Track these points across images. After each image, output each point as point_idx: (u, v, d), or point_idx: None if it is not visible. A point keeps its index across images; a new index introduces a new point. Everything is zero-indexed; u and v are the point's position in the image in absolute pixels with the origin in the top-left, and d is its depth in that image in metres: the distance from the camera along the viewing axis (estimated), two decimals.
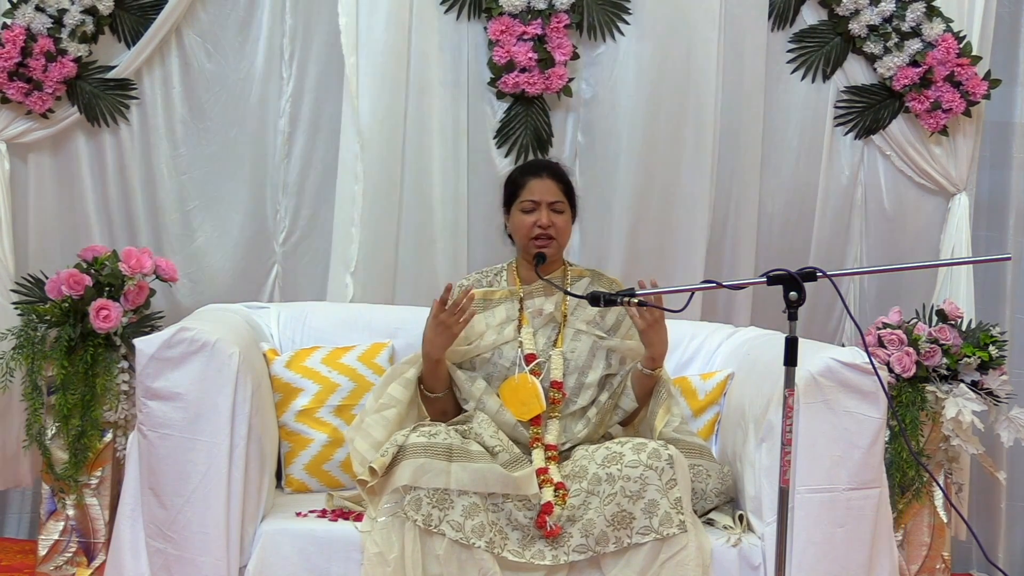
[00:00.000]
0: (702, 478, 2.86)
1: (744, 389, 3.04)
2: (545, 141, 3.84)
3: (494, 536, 2.62)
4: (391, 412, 2.88)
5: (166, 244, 3.85)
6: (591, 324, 3.02)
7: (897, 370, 3.48)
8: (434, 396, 2.97)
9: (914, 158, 3.92)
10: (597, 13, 3.82)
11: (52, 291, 3.34)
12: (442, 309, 2.84)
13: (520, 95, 3.80)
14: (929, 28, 3.82)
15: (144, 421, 2.77)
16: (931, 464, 3.51)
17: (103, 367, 3.34)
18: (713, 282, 2.54)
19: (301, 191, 3.90)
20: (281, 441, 3.11)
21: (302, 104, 3.88)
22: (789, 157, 3.99)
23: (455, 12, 3.81)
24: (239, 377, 2.75)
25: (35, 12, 3.65)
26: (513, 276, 3.08)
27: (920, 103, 3.85)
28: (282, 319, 3.39)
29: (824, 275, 2.42)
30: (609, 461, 2.67)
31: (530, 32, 3.74)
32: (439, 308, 2.84)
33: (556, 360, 2.96)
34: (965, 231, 3.90)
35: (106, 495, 3.39)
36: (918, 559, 3.53)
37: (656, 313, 2.85)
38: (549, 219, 2.99)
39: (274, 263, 3.93)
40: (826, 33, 3.93)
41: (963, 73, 3.82)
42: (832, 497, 2.72)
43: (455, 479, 2.61)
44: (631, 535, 2.61)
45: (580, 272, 3.11)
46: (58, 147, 3.83)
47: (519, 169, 3.15)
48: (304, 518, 2.80)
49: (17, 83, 3.66)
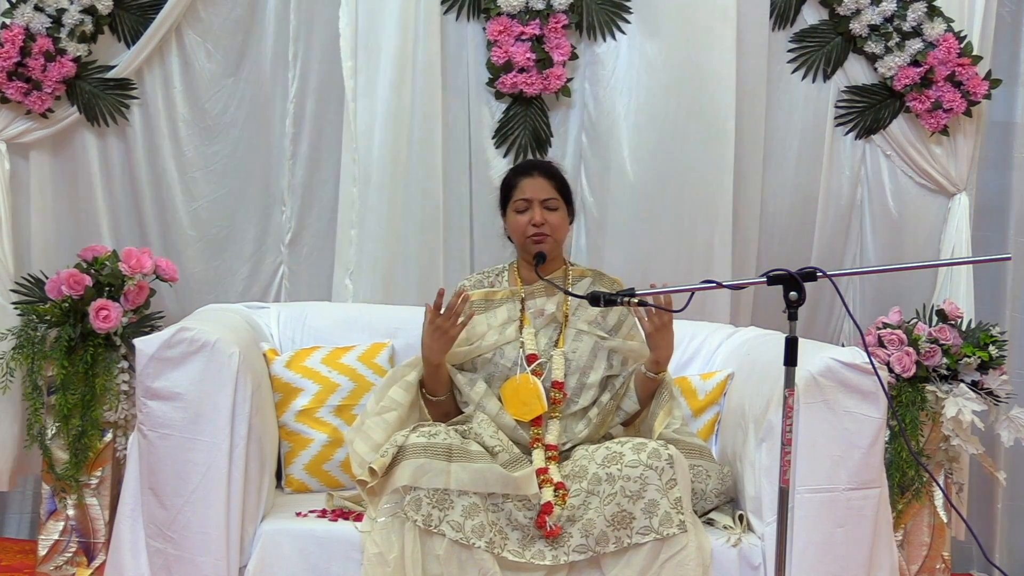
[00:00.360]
0: (702, 478, 2.86)
1: (744, 389, 3.04)
2: (544, 141, 3.84)
3: (494, 536, 2.62)
4: (392, 415, 2.88)
5: (168, 244, 3.85)
6: (593, 324, 3.02)
7: (897, 370, 3.48)
8: (436, 399, 2.97)
9: (914, 158, 3.92)
10: (597, 13, 3.82)
11: (52, 291, 3.34)
12: (437, 314, 2.84)
13: (518, 95, 3.80)
14: (930, 28, 3.82)
15: (144, 421, 2.77)
16: (931, 464, 3.51)
17: (103, 367, 3.34)
18: (713, 282, 2.53)
19: (307, 192, 3.90)
20: (281, 441, 3.11)
21: (306, 105, 3.88)
22: (790, 157, 3.99)
23: (454, 12, 3.82)
24: (239, 377, 2.75)
25: (34, 12, 3.65)
26: (514, 276, 3.08)
27: (921, 103, 3.85)
28: (282, 319, 3.39)
29: (824, 275, 2.42)
30: (609, 461, 2.67)
31: (528, 32, 3.74)
32: (434, 314, 2.84)
33: (557, 360, 2.96)
34: (965, 231, 3.90)
35: (106, 495, 3.39)
36: (918, 559, 3.53)
37: (665, 317, 2.84)
38: (543, 216, 2.98)
39: (280, 263, 3.94)
40: (827, 33, 3.93)
41: (964, 73, 3.82)
42: (832, 497, 2.72)
43: (455, 479, 2.61)
44: (631, 535, 2.61)
45: (582, 272, 3.10)
46: (58, 147, 3.83)
47: (512, 170, 3.16)
48: (304, 518, 2.80)
49: (16, 83, 3.65)
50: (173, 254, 3.78)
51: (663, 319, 2.84)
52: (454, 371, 2.97)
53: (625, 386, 2.99)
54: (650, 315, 2.84)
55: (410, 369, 2.98)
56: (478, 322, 3.00)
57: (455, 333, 2.87)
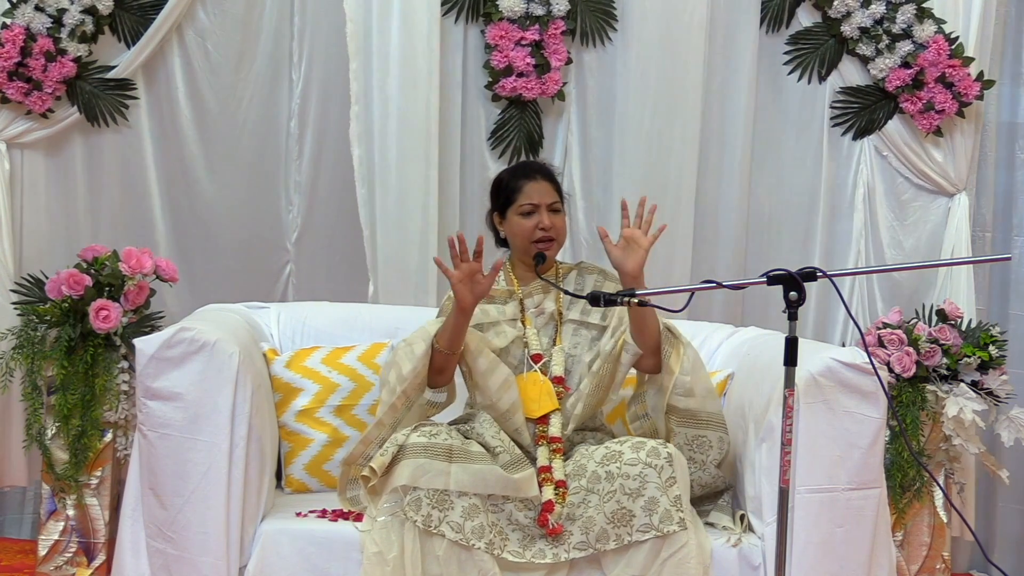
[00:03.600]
0: (704, 449, 2.86)
1: (744, 389, 3.04)
2: (536, 143, 3.87)
3: (494, 537, 2.62)
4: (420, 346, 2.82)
5: (169, 244, 3.86)
6: (585, 313, 3.01)
7: (897, 370, 3.48)
8: (447, 353, 2.83)
9: (911, 158, 3.93)
10: (589, 19, 3.85)
11: (52, 291, 3.34)
12: (459, 262, 2.75)
13: (516, 99, 3.83)
14: (920, 30, 3.83)
15: (144, 421, 2.77)
16: (931, 464, 3.51)
17: (103, 367, 3.34)
18: (713, 282, 2.53)
19: (313, 190, 3.91)
20: (281, 441, 3.11)
21: (311, 104, 3.89)
22: (787, 158, 4.00)
23: (453, 15, 3.84)
24: (239, 377, 2.75)
25: (35, 12, 3.65)
26: (510, 276, 3.06)
27: (913, 104, 3.86)
28: (282, 319, 3.39)
29: (824, 275, 2.42)
30: (608, 459, 2.67)
31: (528, 38, 3.78)
32: (458, 262, 2.75)
33: (558, 357, 2.95)
34: (965, 231, 3.90)
35: (106, 495, 3.39)
36: (918, 559, 3.53)
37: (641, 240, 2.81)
38: (550, 220, 2.98)
39: (287, 262, 3.94)
40: (820, 35, 3.94)
41: (955, 74, 3.83)
42: (832, 497, 2.72)
43: (455, 480, 2.61)
44: (631, 532, 2.61)
45: (568, 267, 3.10)
46: (58, 147, 3.83)
47: (510, 173, 3.08)
48: (304, 518, 2.80)
49: (17, 83, 3.65)
50: (174, 254, 3.78)
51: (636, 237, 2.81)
52: (478, 351, 2.86)
53: (622, 342, 2.89)
54: (628, 216, 2.81)
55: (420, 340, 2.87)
56: (490, 309, 2.98)
57: (486, 282, 2.78)
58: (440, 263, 2.78)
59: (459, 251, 2.77)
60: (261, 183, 3.92)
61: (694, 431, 2.84)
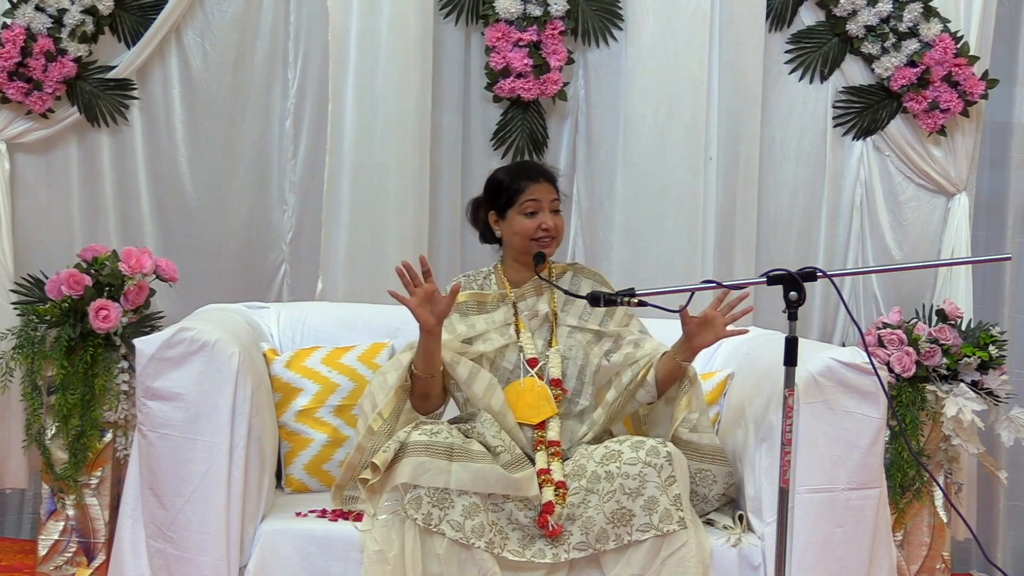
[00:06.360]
0: (708, 483, 2.85)
1: (744, 389, 3.04)
2: (540, 144, 3.87)
3: (494, 536, 2.62)
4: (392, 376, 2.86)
5: (168, 243, 3.86)
6: (582, 319, 3.00)
7: (897, 370, 3.48)
8: (425, 377, 2.84)
9: (913, 158, 3.93)
10: (592, 19, 3.85)
11: (52, 291, 3.34)
12: (414, 288, 2.75)
13: (516, 100, 3.83)
14: (926, 28, 3.83)
15: (144, 421, 2.77)
16: (931, 464, 3.51)
17: (103, 367, 3.34)
18: (713, 282, 2.54)
19: (308, 190, 3.92)
20: (281, 441, 3.11)
21: (306, 104, 3.90)
22: (789, 158, 4.00)
23: (452, 18, 3.85)
24: (239, 377, 2.75)
25: (35, 12, 3.65)
26: (501, 279, 3.03)
27: (918, 103, 3.86)
28: (282, 319, 3.39)
29: (824, 275, 2.43)
30: (607, 459, 2.67)
31: (526, 39, 3.78)
32: (412, 288, 2.75)
33: (554, 359, 2.94)
34: (965, 231, 3.90)
35: (106, 495, 3.39)
36: (918, 559, 3.53)
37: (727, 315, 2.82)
38: (553, 220, 2.98)
39: (282, 261, 3.95)
40: (824, 34, 3.93)
41: (960, 73, 3.83)
42: (832, 497, 2.72)
43: (455, 479, 2.61)
44: (631, 532, 2.61)
45: (562, 268, 3.08)
46: (58, 147, 3.83)
47: (509, 173, 3.03)
48: (304, 518, 2.80)
49: (17, 83, 3.66)
50: (173, 254, 3.78)
51: (716, 322, 2.80)
52: (455, 362, 2.88)
53: (641, 378, 2.91)
54: (720, 300, 2.81)
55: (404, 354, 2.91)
56: (477, 321, 2.98)
57: (439, 297, 2.77)
58: (394, 294, 2.77)
59: (409, 277, 2.76)
60: (256, 183, 3.92)
61: (697, 464, 2.82)
